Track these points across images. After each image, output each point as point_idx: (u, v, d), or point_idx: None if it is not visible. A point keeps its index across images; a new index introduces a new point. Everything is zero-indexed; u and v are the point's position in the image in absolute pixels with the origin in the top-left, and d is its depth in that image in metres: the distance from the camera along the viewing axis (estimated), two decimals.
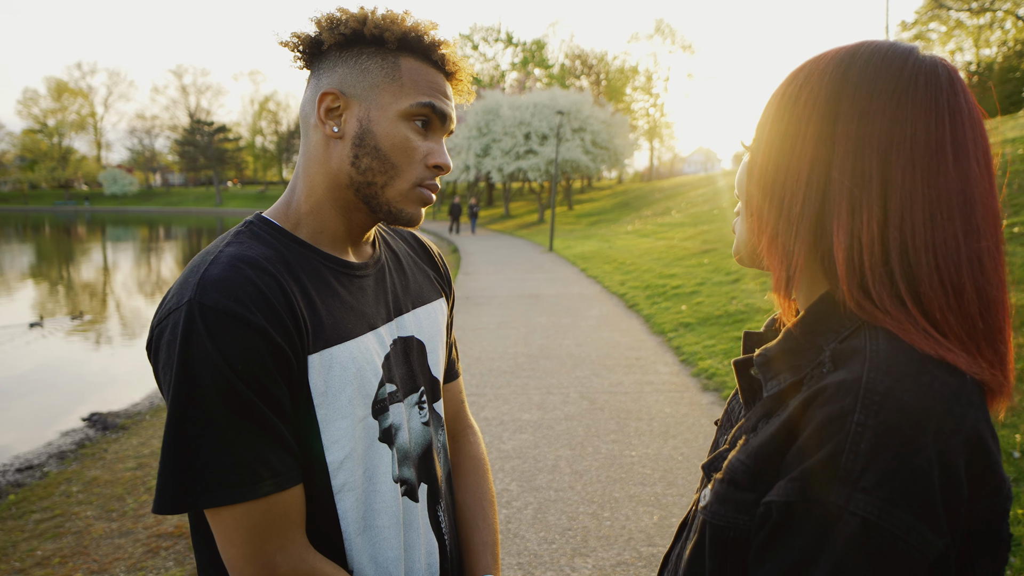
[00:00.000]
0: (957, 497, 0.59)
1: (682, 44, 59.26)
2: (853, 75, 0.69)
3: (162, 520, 3.81)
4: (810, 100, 0.70)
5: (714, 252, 12.95)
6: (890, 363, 0.62)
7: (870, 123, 0.67)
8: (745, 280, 9.84)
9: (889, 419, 0.59)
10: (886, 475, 0.58)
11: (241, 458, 0.79)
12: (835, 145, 0.68)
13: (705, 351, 6.66)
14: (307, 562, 0.85)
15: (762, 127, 0.75)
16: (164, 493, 0.80)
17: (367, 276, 1.01)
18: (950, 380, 0.61)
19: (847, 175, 0.67)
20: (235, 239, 0.90)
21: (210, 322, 0.79)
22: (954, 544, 0.61)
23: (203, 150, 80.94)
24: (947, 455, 0.58)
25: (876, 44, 0.70)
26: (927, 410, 0.59)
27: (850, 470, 0.59)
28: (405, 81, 0.92)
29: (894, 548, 0.58)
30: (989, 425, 0.62)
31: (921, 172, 0.65)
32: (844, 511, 0.59)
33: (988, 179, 0.67)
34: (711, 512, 0.72)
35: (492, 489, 1.19)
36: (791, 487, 0.63)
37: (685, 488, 3.73)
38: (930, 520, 0.58)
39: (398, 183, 0.93)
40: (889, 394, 0.60)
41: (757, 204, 0.74)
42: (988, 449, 0.61)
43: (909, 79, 0.67)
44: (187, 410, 0.79)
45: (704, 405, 5.19)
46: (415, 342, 1.04)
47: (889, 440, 0.58)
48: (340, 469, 0.90)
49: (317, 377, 0.87)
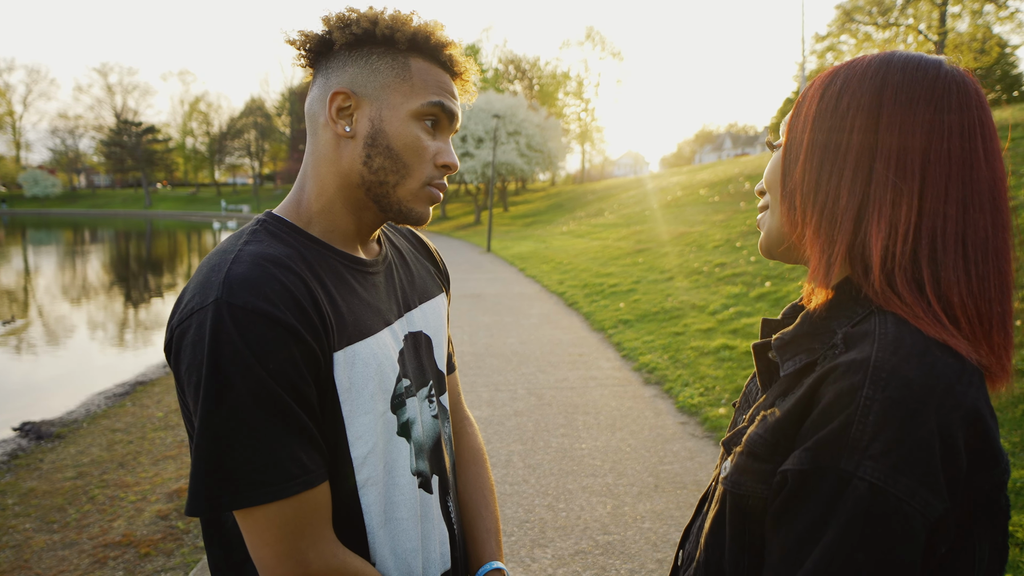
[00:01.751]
0: (956, 467, 0.63)
1: (612, 51, 60.30)
2: (892, 80, 0.73)
3: (108, 529, 3.64)
4: (853, 102, 0.74)
5: (647, 252, 13.22)
6: (897, 344, 0.66)
7: (912, 123, 0.71)
8: (679, 279, 10.09)
9: (895, 394, 0.63)
10: (892, 444, 0.62)
11: (274, 457, 0.78)
12: (879, 143, 0.72)
13: (645, 346, 6.79)
14: (338, 557, 0.84)
15: (799, 129, 0.78)
16: (198, 495, 0.77)
17: (378, 273, 1.00)
18: (951, 362, 0.65)
19: (892, 170, 0.71)
20: (252, 237, 0.88)
21: (240, 321, 0.77)
22: (955, 510, 0.64)
23: (131, 151, 77.63)
24: (947, 428, 0.62)
25: (907, 54, 0.75)
26: (930, 387, 0.63)
27: (859, 440, 0.63)
28: (415, 81, 0.91)
29: (899, 511, 0.62)
30: (988, 404, 0.66)
31: (956, 168, 0.70)
32: (853, 477, 0.63)
33: (1005, 179, 0.73)
34: (732, 482, 0.76)
35: (492, 478, 1.20)
36: (805, 456, 0.67)
37: (635, 478, 3.80)
38: (931, 486, 0.62)
39: (409, 182, 0.92)
40: (895, 372, 0.64)
41: (801, 199, 0.77)
42: (987, 425, 0.65)
43: (944, 85, 0.72)
44: (219, 410, 0.76)
45: (647, 398, 5.29)
46: (423, 337, 1.04)
47: (895, 413, 0.63)
48: (364, 464, 0.89)
49: (342, 374, 0.86)
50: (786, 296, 7.52)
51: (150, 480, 4.34)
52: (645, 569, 2.90)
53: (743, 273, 9.14)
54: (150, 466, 4.61)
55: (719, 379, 5.41)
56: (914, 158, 0.71)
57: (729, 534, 0.77)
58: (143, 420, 5.75)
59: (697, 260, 10.95)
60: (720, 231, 12.66)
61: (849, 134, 0.73)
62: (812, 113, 0.77)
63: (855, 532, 0.63)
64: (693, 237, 13.05)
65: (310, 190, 0.94)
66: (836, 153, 0.74)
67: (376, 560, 0.92)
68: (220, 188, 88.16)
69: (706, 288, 9.03)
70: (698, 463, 3.99)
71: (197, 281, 0.82)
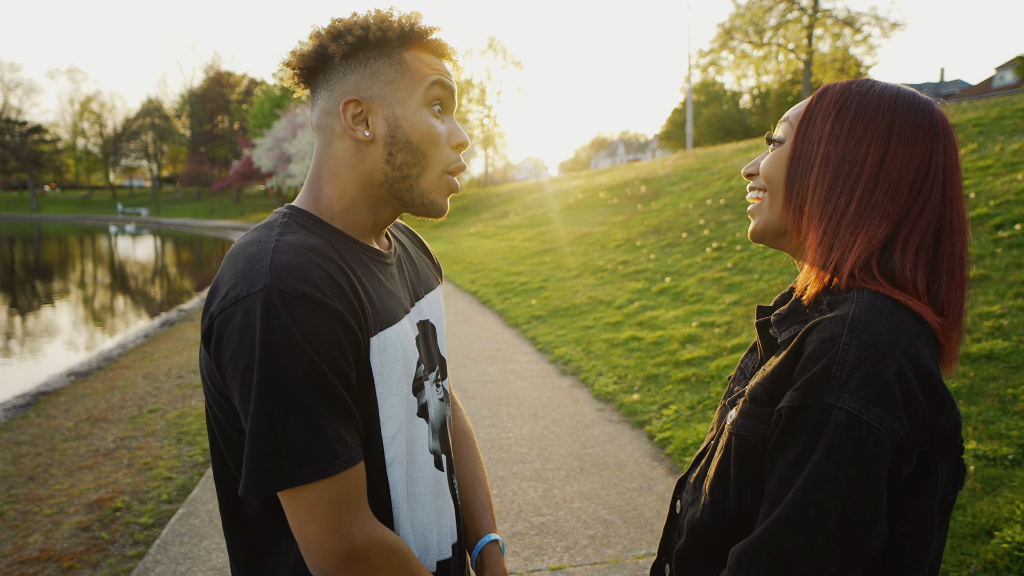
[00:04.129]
0: (916, 404, 0.74)
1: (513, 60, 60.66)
2: (900, 116, 0.85)
3: (23, 546, 3.37)
4: (867, 133, 0.85)
5: (554, 251, 13.46)
6: (871, 305, 0.79)
7: (911, 158, 0.84)
8: (585, 276, 10.34)
9: (868, 341, 0.75)
10: (865, 381, 0.73)
11: (323, 436, 0.79)
12: (882, 174, 0.84)
13: (558, 340, 6.93)
14: (377, 530, 0.85)
15: (815, 141, 0.88)
16: (254, 475, 0.77)
17: (393, 265, 1.01)
18: (914, 323, 0.78)
19: (888, 196, 0.84)
20: (286, 229, 0.88)
21: (291, 306, 0.78)
22: (921, 444, 0.76)
23: (14, 152, 71.37)
24: (906, 373, 0.74)
25: (909, 92, 0.87)
26: (895, 338, 0.76)
27: (839, 377, 0.74)
28: (414, 72, 0.92)
29: (871, 435, 0.73)
30: (936, 364, 0.79)
31: (941, 189, 0.85)
32: (834, 407, 0.74)
33: (965, 203, 0.89)
34: (738, 426, 0.86)
35: (481, 457, 1.24)
36: (796, 394, 0.77)
37: (561, 462, 3.89)
38: (896, 415, 0.73)
39: (430, 172, 0.94)
40: (869, 324, 0.76)
41: (810, 206, 0.87)
42: (936, 378, 0.77)
43: (938, 123, 0.85)
44: (274, 392, 0.77)
45: (565, 388, 5.41)
46: (430, 325, 1.06)
47: (867, 356, 0.74)
48: (392, 443, 0.91)
49: (376, 358, 0.88)
50: (684, 290, 7.86)
51: (66, 492, 4.04)
52: (579, 545, 2.98)
53: (644, 270, 9.48)
54: (64, 478, 4.29)
55: (630, 368, 5.60)
56: (905, 188, 0.84)
57: (734, 474, 0.86)
58: (51, 431, 5.34)
59: (601, 258, 11.26)
60: (620, 231, 13.06)
61: (863, 161, 0.85)
62: (828, 131, 0.87)
63: (836, 453, 0.73)
64: (596, 237, 13.40)
65: (330, 192, 0.94)
66: (849, 175, 0.85)
67: (399, 534, 0.93)
68: (116, 191, 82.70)
69: (611, 284, 9.30)
70: (617, 445, 4.13)
71: (236, 270, 0.82)
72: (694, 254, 9.40)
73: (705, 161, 18.04)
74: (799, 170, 0.89)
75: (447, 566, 1.01)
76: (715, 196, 12.62)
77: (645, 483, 3.59)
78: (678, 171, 17.78)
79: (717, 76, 39.60)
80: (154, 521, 3.49)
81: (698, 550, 0.92)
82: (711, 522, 0.89)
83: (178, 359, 7.63)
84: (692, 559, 0.93)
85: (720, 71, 36.23)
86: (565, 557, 2.89)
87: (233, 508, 0.90)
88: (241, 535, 0.91)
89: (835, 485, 0.73)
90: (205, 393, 0.89)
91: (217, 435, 0.89)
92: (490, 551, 1.13)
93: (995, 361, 3.90)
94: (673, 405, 4.61)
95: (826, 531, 0.73)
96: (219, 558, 3.01)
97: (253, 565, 0.91)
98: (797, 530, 0.74)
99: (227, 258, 0.87)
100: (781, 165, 0.92)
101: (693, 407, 4.52)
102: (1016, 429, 3.22)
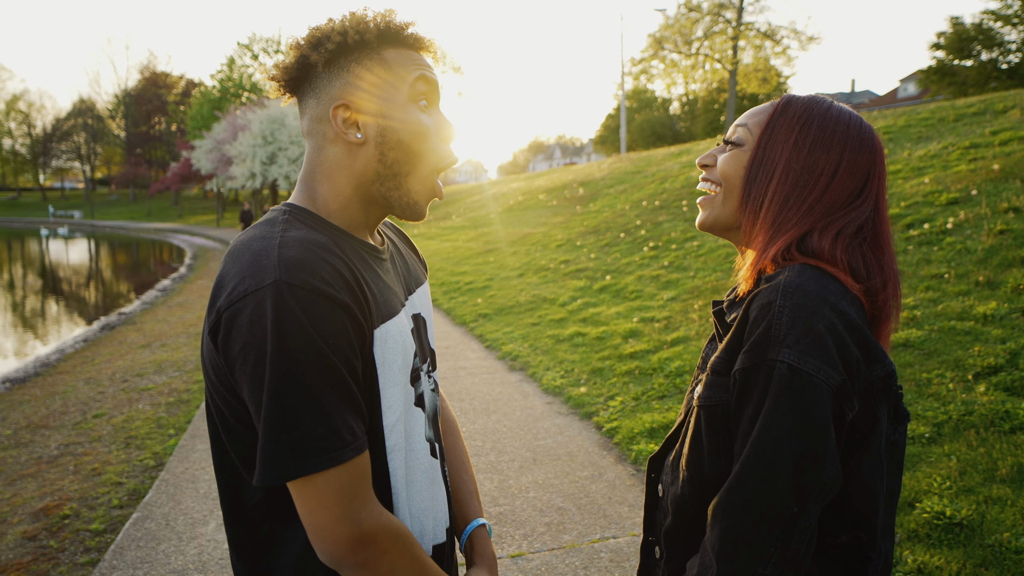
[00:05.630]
0: (850, 353, 0.82)
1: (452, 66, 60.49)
2: (853, 133, 0.95)
3: None
4: (823, 157, 0.94)
5: (497, 251, 13.48)
6: (800, 272, 0.87)
7: (860, 165, 0.95)
8: (528, 275, 10.40)
9: (799, 301, 0.83)
10: (800, 336, 0.81)
11: (333, 425, 0.78)
12: (836, 175, 0.94)
13: (505, 337, 6.96)
14: (384, 515, 0.85)
15: (777, 152, 0.96)
16: (269, 465, 0.77)
17: (387, 260, 1.01)
18: (838, 286, 0.87)
19: (838, 193, 0.94)
20: (289, 225, 0.87)
21: (302, 300, 0.77)
22: (860, 391, 0.84)
23: None
24: (836, 326, 0.82)
25: (857, 114, 0.98)
26: (823, 297, 0.84)
27: (778, 335, 0.82)
28: (396, 69, 0.92)
29: (810, 383, 0.80)
30: (864, 320, 0.87)
31: (875, 194, 0.96)
32: (777, 362, 0.81)
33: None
34: (704, 398, 0.93)
35: (465, 446, 1.25)
36: (745, 357, 0.85)
37: (515, 454, 3.91)
38: (831, 363, 0.81)
39: (420, 169, 0.94)
40: (799, 287, 0.84)
41: (765, 211, 0.95)
42: (865, 332, 0.85)
43: (876, 141, 0.97)
44: (287, 384, 0.76)
45: (514, 383, 5.44)
46: (421, 318, 1.06)
47: (800, 314, 0.82)
48: (392, 431, 0.91)
49: (379, 349, 0.88)
50: (624, 287, 8.01)
51: (8, 502, 3.82)
52: (536, 532, 3.02)
53: (585, 269, 9.61)
54: (5, 487, 4.06)
55: (576, 362, 5.68)
56: (850, 196, 0.95)
57: (707, 444, 0.92)
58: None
59: (543, 258, 11.35)
60: (561, 232, 13.20)
61: (817, 178, 0.94)
62: (790, 146, 0.95)
63: (782, 402, 0.81)
64: (537, 238, 13.50)
65: (325, 193, 0.94)
66: (805, 186, 0.94)
67: (399, 519, 0.93)
68: (46, 193, 78.34)
69: (554, 283, 9.39)
70: (567, 436, 4.18)
71: (242, 265, 0.81)
72: (632, 253, 9.59)
73: (639, 165, 18.41)
74: (759, 177, 0.96)
75: (441, 550, 1.01)
76: (650, 198, 12.90)
77: (595, 471, 3.65)
78: (614, 174, 18.07)
79: (648, 83, 40.49)
80: (106, 527, 3.34)
81: (685, 527, 0.96)
82: (691, 495, 0.93)
83: (121, 363, 7.31)
84: (682, 537, 0.97)
85: (651, 79, 36.97)
86: (524, 544, 2.92)
87: (235, 501, 0.89)
88: (244, 528, 0.89)
89: (785, 431, 0.80)
90: (208, 388, 0.87)
91: (220, 429, 0.87)
92: (479, 535, 1.14)
93: (910, 348, 4.14)
94: (619, 397, 4.70)
95: (783, 474, 0.80)
96: (178, 560, 2.91)
97: (255, 558, 0.90)
98: (758, 475, 0.81)
99: (229, 254, 0.86)
100: (739, 168, 0.99)
101: (638, 398, 4.62)
102: (931, 410, 3.42)
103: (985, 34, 26.26)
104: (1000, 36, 26.27)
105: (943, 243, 5.63)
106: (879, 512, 0.87)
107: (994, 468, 2.87)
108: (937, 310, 4.53)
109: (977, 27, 26.37)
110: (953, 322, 4.30)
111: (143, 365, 7.00)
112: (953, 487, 2.80)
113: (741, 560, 0.81)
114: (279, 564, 0.89)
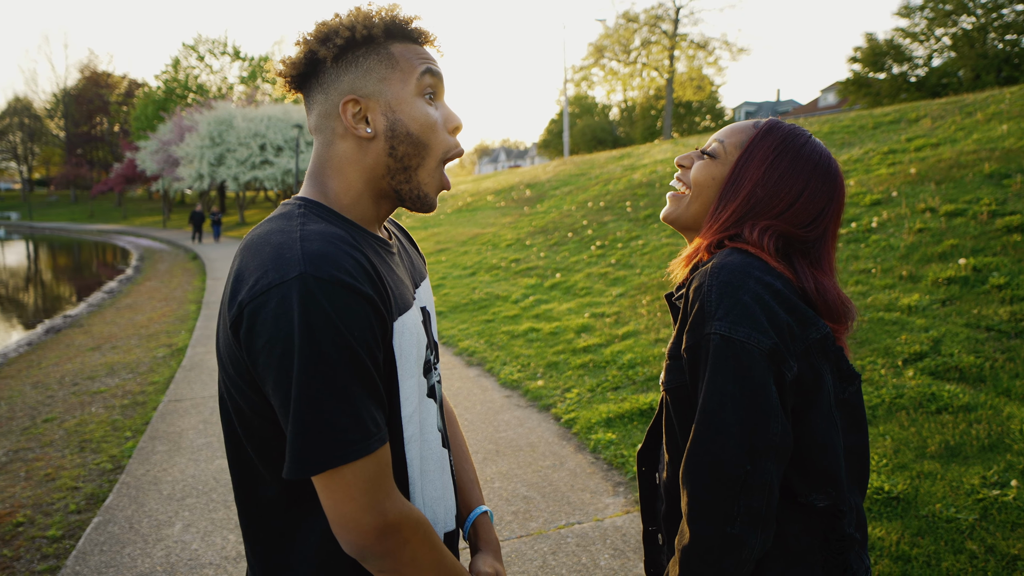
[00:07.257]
0: (780, 319, 0.88)
1: None
2: (820, 171, 1.00)
3: None
4: (789, 184, 1.00)
5: (448, 251, 13.40)
6: (727, 254, 0.94)
7: (821, 194, 1.01)
8: (480, 274, 10.38)
9: (725, 278, 0.89)
10: (729, 309, 0.87)
11: (359, 417, 0.76)
12: (798, 200, 0.99)
13: (461, 333, 6.93)
14: (406, 505, 0.84)
15: (752, 169, 1.01)
16: (299, 458, 0.74)
17: (396, 254, 0.99)
18: (762, 263, 0.93)
19: (800, 217, 0.99)
20: (307, 219, 0.84)
21: (328, 292, 0.75)
22: (800, 354, 0.89)
23: None
24: (763, 296, 0.88)
25: (827, 151, 1.04)
26: (746, 272, 0.90)
27: (710, 311, 0.88)
28: (403, 64, 0.90)
29: (743, 349, 0.86)
30: (790, 290, 0.91)
31: (834, 223, 1.03)
32: (712, 335, 0.87)
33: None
34: (666, 382, 0.97)
35: (464, 436, 1.24)
36: (688, 336, 0.92)
37: (478, 446, 3.90)
38: (760, 329, 0.86)
39: (429, 161, 0.92)
40: (724, 266, 0.91)
41: (728, 215, 1.00)
42: (793, 300, 0.90)
43: (840, 177, 1.03)
44: (315, 377, 0.74)
45: (473, 378, 5.42)
46: (427, 311, 1.04)
47: (726, 289, 0.88)
48: (409, 422, 0.90)
49: (397, 341, 0.86)
50: (574, 284, 8.08)
51: None
52: (504, 521, 3.01)
53: (536, 267, 9.65)
54: None
55: (532, 356, 5.70)
56: (805, 222, 1.00)
57: (677, 425, 0.96)
58: None
59: (494, 257, 11.35)
60: (510, 231, 13.22)
61: (777, 203, 0.99)
62: (761, 172, 0.99)
63: (721, 369, 0.86)
64: (487, 237, 13.48)
65: (336, 187, 0.91)
66: (764, 208, 0.99)
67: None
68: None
69: (506, 281, 9.40)
70: (527, 428, 4.19)
71: (263, 259, 0.78)
72: (580, 252, 9.69)
73: (583, 167, 18.61)
74: (729, 194, 1.01)
75: (452, 537, 1.01)
76: (595, 199, 13.06)
77: (557, 460, 3.67)
78: (559, 176, 18.22)
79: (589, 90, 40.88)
80: (64, 533, 3.16)
81: (678, 509, 0.97)
82: (675, 476, 0.96)
83: (71, 366, 6.94)
84: (677, 518, 0.98)
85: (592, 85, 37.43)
86: None
87: (250, 497, 0.86)
88: (259, 524, 0.86)
89: (728, 395, 0.85)
90: (225, 383, 0.83)
91: (236, 424, 0.84)
92: (482, 521, 1.13)
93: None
94: (575, 389, 4.74)
95: (732, 434, 0.85)
96: (145, 563, 2.79)
97: (270, 552, 0.86)
98: (710, 437, 0.86)
99: (247, 248, 0.82)
100: (709, 178, 1.04)
101: (593, 389, 4.67)
102: (866, 394, 3.57)
103: (896, 49, 27.63)
104: (909, 51, 27.68)
105: (869, 240, 5.89)
106: (841, 467, 0.92)
107: (924, 446, 3.02)
108: (867, 302, 4.74)
109: (889, 43, 27.72)
110: (881, 313, 4.51)
111: (94, 368, 6.67)
112: (889, 464, 2.94)
113: (709, 522, 0.85)
114: (296, 557, 0.86)
